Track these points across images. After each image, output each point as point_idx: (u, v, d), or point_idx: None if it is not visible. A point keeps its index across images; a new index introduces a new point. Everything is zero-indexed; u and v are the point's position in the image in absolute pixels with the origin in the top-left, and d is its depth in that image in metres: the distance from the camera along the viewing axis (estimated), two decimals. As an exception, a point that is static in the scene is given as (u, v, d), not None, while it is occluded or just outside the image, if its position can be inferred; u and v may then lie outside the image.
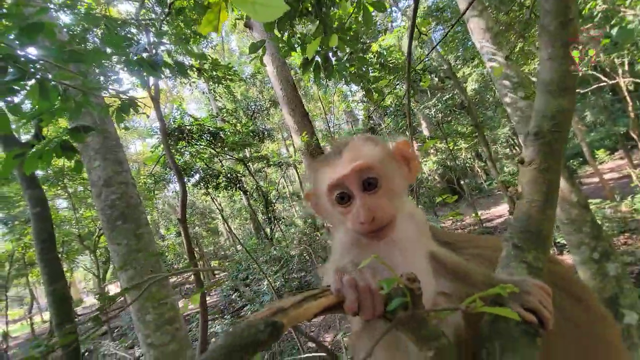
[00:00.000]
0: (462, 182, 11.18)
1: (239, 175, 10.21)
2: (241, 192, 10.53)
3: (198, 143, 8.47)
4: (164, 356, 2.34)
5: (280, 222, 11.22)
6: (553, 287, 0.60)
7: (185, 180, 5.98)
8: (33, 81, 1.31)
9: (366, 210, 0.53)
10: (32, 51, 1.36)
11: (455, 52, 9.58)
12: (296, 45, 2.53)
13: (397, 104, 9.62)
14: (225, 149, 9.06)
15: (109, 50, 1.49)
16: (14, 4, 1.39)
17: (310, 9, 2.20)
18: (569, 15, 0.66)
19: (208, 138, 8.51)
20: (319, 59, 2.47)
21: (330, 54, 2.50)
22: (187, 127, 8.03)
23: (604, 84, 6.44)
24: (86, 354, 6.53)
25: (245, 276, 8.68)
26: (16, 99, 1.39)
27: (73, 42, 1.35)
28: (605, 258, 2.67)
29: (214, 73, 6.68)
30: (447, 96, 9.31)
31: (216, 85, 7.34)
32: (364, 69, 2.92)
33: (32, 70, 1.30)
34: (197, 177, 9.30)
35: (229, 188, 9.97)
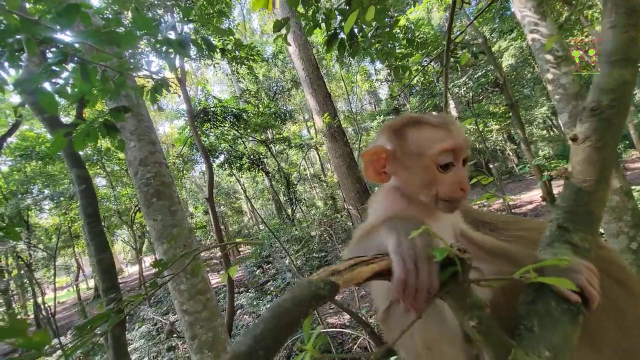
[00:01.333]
0: (491, 166, 10.65)
1: (261, 156, 10.40)
2: (263, 173, 10.77)
3: (222, 125, 8.65)
4: (197, 321, 2.54)
5: (301, 203, 11.42)
6: (598, 270, 0.58)
7: (211, 161, 6.17)
8: (73, 64, 1.38)
9: (466, 180, 0.58)
10: (68, 34, 1.41)
11: (492, 23, 8.85)
12: (320, 21, 2.44)
13: (423, 82, 9.16)
14: (248, 130, 9.19)
15: (140, 32, 1.52)
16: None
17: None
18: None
19: (231, 120, 8.66)
20: (344, 36, 2.38)
21: (357, 30, 2.40)
22: (212, 109, 8.19)
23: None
24: (127, 317, 7.23)
25: (268, 254, 9.03)
26: (60, 81, 1.47)
27: (109, 25, 1.39)
28: (644, 248, 2.50)
29: (237, 53, 6.67)
30: (480, 73, 8.72)
31: (239, 66, 7.36)
32: (390, 45, 2.78)
33: (73, 52, 1.36)
34: (221, 158, 9.59)
35: (252, 169, 10.22)
